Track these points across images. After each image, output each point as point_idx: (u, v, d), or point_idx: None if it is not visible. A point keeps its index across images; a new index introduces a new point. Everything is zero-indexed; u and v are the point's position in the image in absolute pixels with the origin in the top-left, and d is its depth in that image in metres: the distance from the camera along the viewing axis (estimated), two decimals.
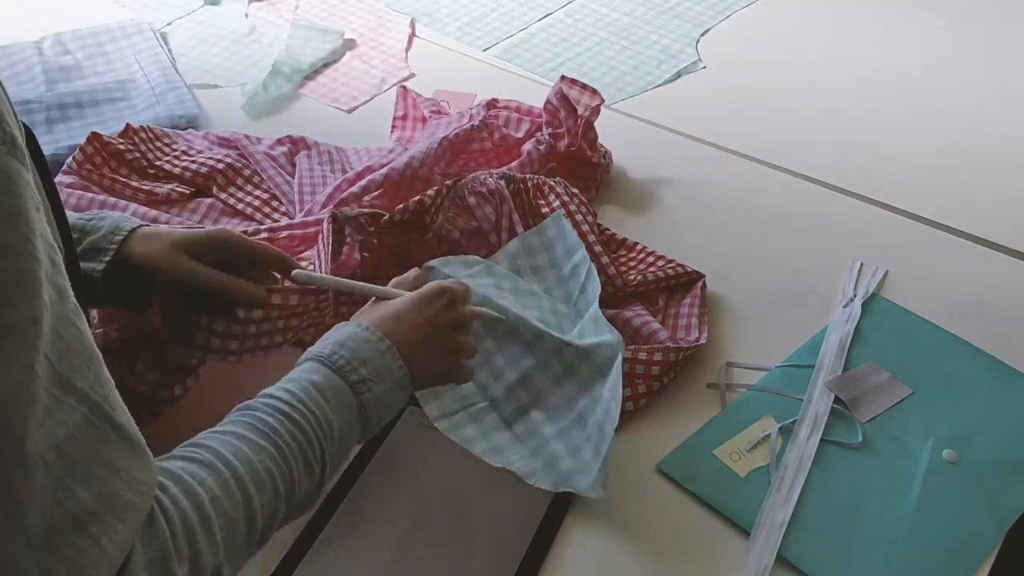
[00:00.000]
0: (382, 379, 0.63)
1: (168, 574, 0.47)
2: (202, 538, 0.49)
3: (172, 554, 0.47)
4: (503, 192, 0.92)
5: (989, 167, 1.10)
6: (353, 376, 0.62)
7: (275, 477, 0.55)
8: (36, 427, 0.40)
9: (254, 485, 0.53)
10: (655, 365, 0.81)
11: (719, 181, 1.08)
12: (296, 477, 0.56)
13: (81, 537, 0.42)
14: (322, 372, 0.61)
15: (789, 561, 0.70)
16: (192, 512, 0.49)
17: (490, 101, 1.10)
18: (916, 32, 1.35)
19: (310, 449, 0.58)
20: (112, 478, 0.44)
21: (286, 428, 0.57)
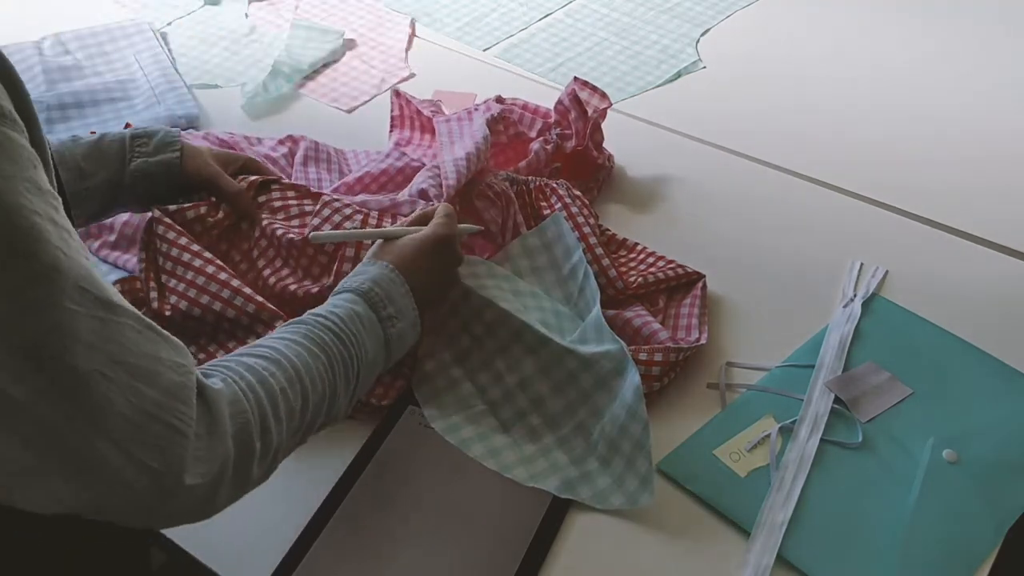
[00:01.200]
0: (403, 318, 0.73)
1: (249, 445, 0.56)
2: (272, 420, 0.58)
3: (252, 428, 0.56)
4: (509, 194, 0.93)
5: (989, 167, 1.10)
6: (383, 312, 0.72)
7: (324, 382, 0.64)
8: (86, 350, 0.47)
9: (310, 384, 0.63)
10: (655, 365, 0.81)
11: (719, 181, 1.08)
12: (338, 387, 0.66)
13: (158, 426, 0.50)
14: (361, 304, 0.71)
15: (789, 561, 0.70)
16: (266, 398, 0.59)
17: (497, 97, 1.10)
18: (916, 31, 1.34)
19: (351, 366, 0.67)
20: (165, 371, 0.51)
21: (335, 345, 0.66)
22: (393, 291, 0.73)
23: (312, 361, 0.64)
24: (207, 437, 0.53)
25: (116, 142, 0.84)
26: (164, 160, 0.85)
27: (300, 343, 0.64)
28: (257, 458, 0.57)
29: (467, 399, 0.81)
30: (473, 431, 0.79)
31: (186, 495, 0.52)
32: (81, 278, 0.47)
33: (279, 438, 0.59)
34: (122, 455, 0.48)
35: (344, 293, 0.72)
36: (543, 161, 1.01)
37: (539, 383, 0.80)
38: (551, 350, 0.80)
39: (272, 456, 0.59)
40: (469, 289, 0.83)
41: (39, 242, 0.45)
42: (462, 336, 0.83)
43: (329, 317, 0.68)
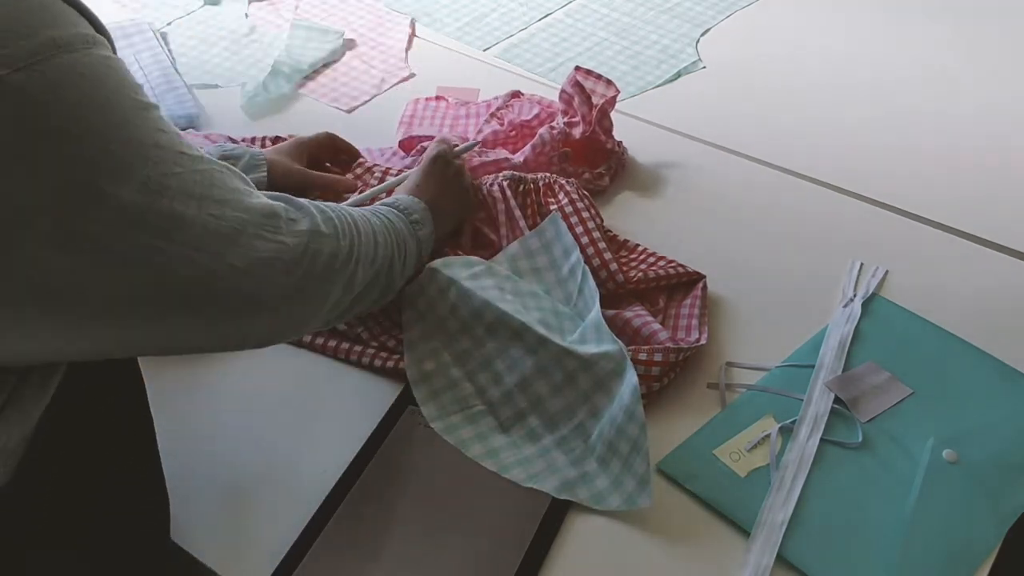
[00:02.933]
0: (424, 224, 0.84)
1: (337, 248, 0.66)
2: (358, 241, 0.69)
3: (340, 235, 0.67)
4: (495, 194, 0.94)
5: (989, 167, 1.10)
6: (411, 217, 0.82)
7: (387, 241, 0.75)
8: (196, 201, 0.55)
9: (381, 240, 0.74)
10: (655, 365, 0.81)
11: (719, 181, 1.08)
12: (393, 253, 0.76)
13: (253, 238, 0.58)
14: (400, 216, 0.81)
15: (789, 561, 0.70)
16: (350, 223, 0.70)
17: (515, 92, 1.15)
18: (917, 32, 1.34)
19: (398, 243, 0.78)
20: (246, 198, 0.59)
21: (383, 223, 0.77)
22: (413, 204, 0.84)
23: (375, 221, 0.75)
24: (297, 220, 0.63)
25: None
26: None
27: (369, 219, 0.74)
28: (342, 256, 0.66)
29: (466, 399, 0.81)
30: (472, 431, 0.79)
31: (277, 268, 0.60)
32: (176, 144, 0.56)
33: (357, 254, 0.69)
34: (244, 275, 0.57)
35: (387, 208, 0.82)
36: (548, 144, 1.02)
37: (538, 384, 0.80)
38: (550, 351, 0.80)
39: (352, 266, 0.68)
40: (469, 290, 0.83)
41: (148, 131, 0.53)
42: (462, 337, 0.83)
43: (377, 209, 0.80)
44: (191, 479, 0.76)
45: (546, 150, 1.02)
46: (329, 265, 0.65)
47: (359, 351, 0.86)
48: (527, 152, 1.01)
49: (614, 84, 1.05)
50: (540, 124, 1.08)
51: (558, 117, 1.05)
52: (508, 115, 1.11)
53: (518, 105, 1.12)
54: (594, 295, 0.84)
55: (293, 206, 0.65)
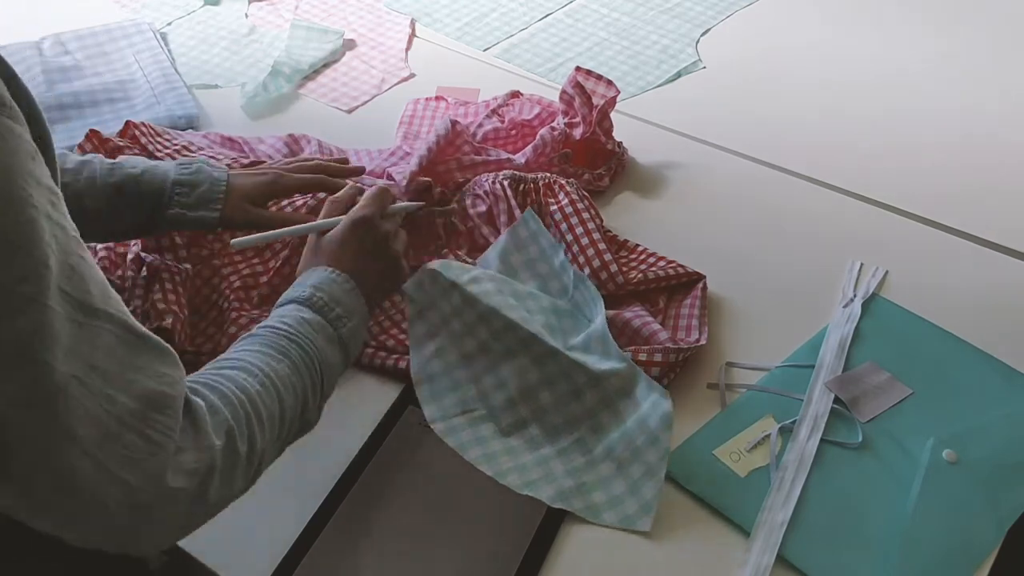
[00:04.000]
0: (352, 315, 0.72)
1: (235, 452, 0.56)
2: (255, 424, 0.58)
3: (235, 435, 0.56)
4: (498, 192, 0.93)
5: (989, 167, 1.10)
6: (331, 315, 0.70)
7: (294, 386, 0.64)
8: (64, 354, 0.45)
9: (283, 388, 0.62)
10: (655, 366, 0.81)
11: (719, 181, 1.08)
12: (307, 391, 0.65)
13: (131, 435, 0.48)
14: (307, 311, 0.69)
15: (789, 561, 0.70)
16: (247, 403, 0.58)
17: (514, 92, 1.15)
18: (916, 31, 1.34)
19: (314, 369, 0.66)
20: (146, 379, 0.50)
21: (295, 350, 0.66)
22: (336, 291, 0.71)
23: (278, 366, 0.63)
24: (192, 450, 0.52)
25: (157, 182, 0.82)
26: (200, 217, 0.82)
27: (263, 351, 0.64)
28: (242, 465, 0.57)
29: (468, 402, 0.81)
30: (472, 435, 0.79)
31: (164, 508, 0.51)
32: (65, 278, 0.46)
33: (262, 443, 0.59)
34: (95, 466, 0.47)
35: (287, 304, 0.71)
36: (549, 144, 1.02)
37: (543, 394, 0.80)
38: (560, 363, 0.79)
39: (257, 463, 0.59)
40: (474, 296, 0.82)
41: (32, 237, 0.44)
42: (467, 339, 0.83)
43: (279, 326, 0.67)
44: None
45: (547, 151, 1.02)
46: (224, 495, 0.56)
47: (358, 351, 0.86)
48: (528, 153, 1.01)
49: (614, 84, 1.05)
50: (540, 124, 1.08)
51: (558, 118, 1.05)
52: (509, 113, 1.11)
53: (518, 105, 1.12)
54: (596, 300, 0.84)
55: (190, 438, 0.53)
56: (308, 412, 0.66)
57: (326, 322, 0.69)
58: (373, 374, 0.85)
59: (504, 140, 1.08)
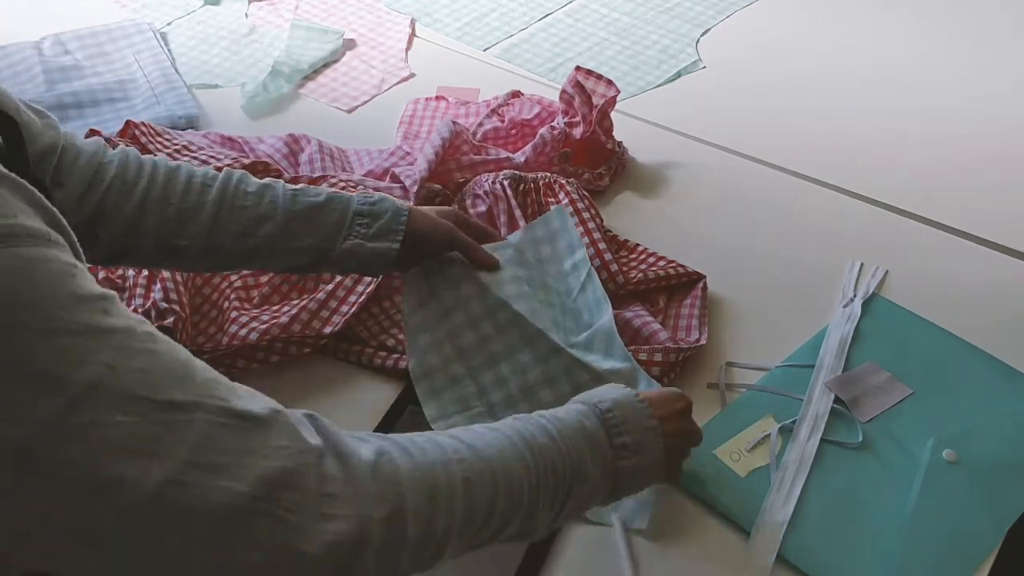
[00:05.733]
0: (641, 452, 0.62)
1: (402, 534, 0.49)
2: (443, 511, 0.51)
3: (406, 515, 0.49)
4: (498, 192, 0.94)
5: (990, 167, 1.10)
6: (618, 440, 0.61)
7: (524, 493, 0.55)
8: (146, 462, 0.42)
9: (506, 484, 0.54)
10: (655, 365, 0.81)
11: (719, 181, 1.08)
12: (540, 504, 0.57)
13: (260, 519, 0.45)
14: (593, 422, 0.61)
15: (789, 561, 0.70)
16: (444, 484, 0.51)
17: (514, 92, 1.15)
18: (916, 31, 1.34)
19: (562, 484, 0.58)
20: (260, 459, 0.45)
21: (550, 452, 0.57)
22: (634, 419, 0.62)
23: (516, 462, 0.55)
24: (342, 519, 0.47)
25: (338, 211, 0.76)
26: (380, 249, 0.76)
27: (510, 437, 0.57)
28: (410, 547, 0.50)
29: (468, 399, 0.80)
30: None
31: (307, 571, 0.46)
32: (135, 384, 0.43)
33: (446, 533, 0.51)
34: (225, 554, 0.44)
35: (579, 404, 0.63)
36: (549, 144, 1.02)
37: (543, 392, 0.79)
38: (562, 360, 0.79)
39: (432, 551, 0.51)
40: (487, 286, 0.81)
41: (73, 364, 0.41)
42: (466, 332, 0.82)
43: (551, 420, 0.60)
44: None
45: (547, 150, 1.02)
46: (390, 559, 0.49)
47: (359, 351, 0.86)
48: (528, 152, 1.01)
49: (614, 84, 1.05)
50: (540, 124, 1.08)
51: (558, 117, 1.05)
52: (509, 113, 1.11)
53: (518, 104, 1.12)
54: (603, 302, 0.83)
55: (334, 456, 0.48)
56: (534, 524, 0.58)
57: (609, 445, 0.61)
58: (373, 374, 0.85)
59: (504, 140, 1.08)
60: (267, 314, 0.87)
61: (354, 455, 0.49)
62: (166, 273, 0.85)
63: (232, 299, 0.89)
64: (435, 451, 0.52)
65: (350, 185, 0.95)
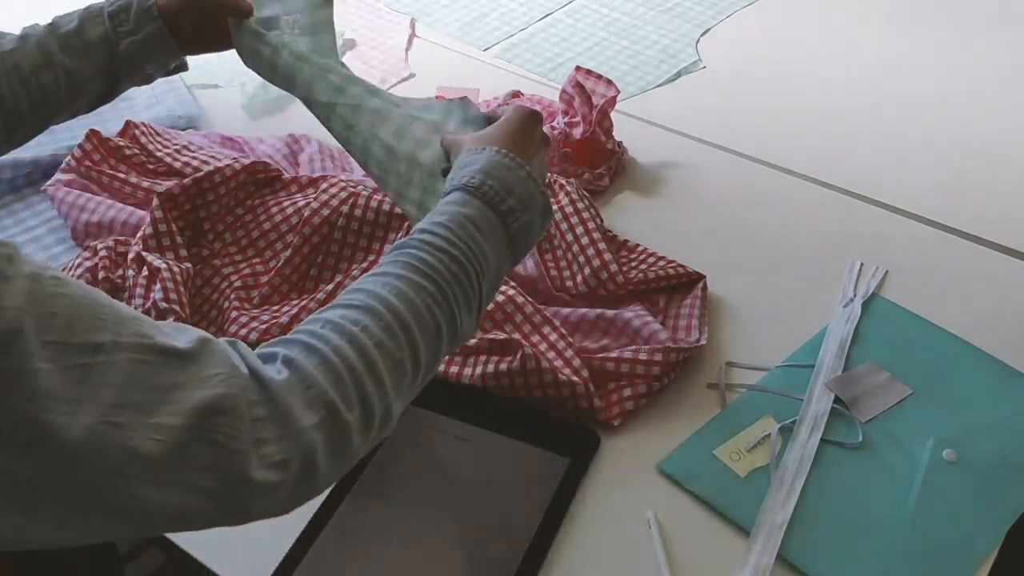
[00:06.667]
0: (525, 206, 0.62)
1: (339, 424, 0.50)
2: (369, 383, 0.51)
3: (338, 406, 0.50)
4: None
5: (990, 167, 1.10)
6: (503, 207, 0.61)
7: (436, 315, 0.56)
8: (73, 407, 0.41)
9: (417, 325, 0.54)
10: (655, 365, 0.81)
11: (719, 181, 1.08)
12: (457, 313, 0.57)
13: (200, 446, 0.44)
14: (473, 204, 0.60)
15: (789, 561, 0.70)
16: (357, 360, 0.51)
17: (514, 92, 1.15)
18: (916, 32, 1.34)
19: (468, 284, 0.58)
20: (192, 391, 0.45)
21: (445, 265, 0.57)
22: (509, 179, 0.62)
23: (416, 295, 0.55)
24: (277, 440, 0.47)
25: (97, 25, 0.82)
26: (150, 33, 0.82)
27: (400, 276, 0.56)
28: (356, 431, 0.51)
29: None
30: None
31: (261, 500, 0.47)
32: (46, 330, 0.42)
33: (383, 400, 0.52)
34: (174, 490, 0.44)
35: (452, 193, 0.62)
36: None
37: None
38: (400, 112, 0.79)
39: (380, 419, 0.53)
40: None
41: None
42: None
43: (434, 232, 0.58)
44: None
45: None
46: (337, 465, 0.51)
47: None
48: None
49: (614, 84, 1.05)
50: None
51: (558, 117, 1.05)
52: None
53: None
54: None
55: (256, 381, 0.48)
56: (460, 331, 0.59)
57: (496, 216, 0.60)
58: None
59: None
60: (267, 314, 0.87)
61: (270, 378, 0.49)
62: (166, 273, 0.85)
63: (232, 299, 0.89)
64: (336, 334, 0.52)
65: (350, 185, 0.95)
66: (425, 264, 0.57)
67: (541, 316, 0.86)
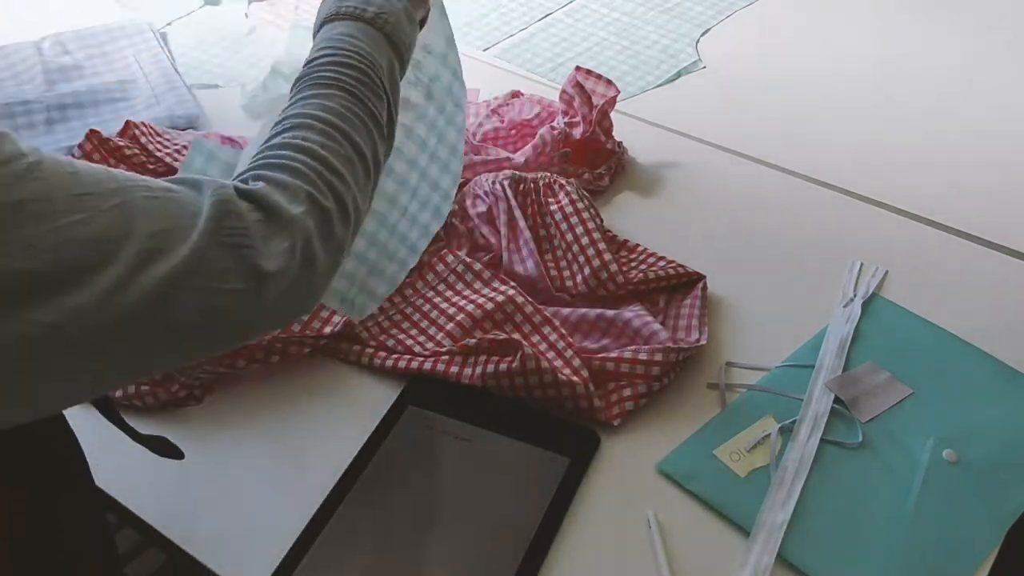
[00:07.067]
0: (390, 10, 0.69)
1: (323, 209, 0.57)
2: (331, 175, 0.59)
3: (316, 195, 0.57)
4: (498, 192, 0.94)
5: (990, 167, 1.10)
6: (368, 14, 0.68)
7: (358, 112, 0.63)
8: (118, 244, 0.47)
9: (346, 124, 0.62)
10: (655, 365, 0.81)
11: (719, 181, 1.08)
12: (373, 107, 0.65)
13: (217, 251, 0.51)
14: (342, 23, 0.68)
15: (789, 561, 0.70)
16: (312, 161, 0.58)
17: (514, 92, 1.15)
18: (916, 32, 1.35)
19: (370, 81, 0.65)
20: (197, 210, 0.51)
21: (344, 73, 0.64)
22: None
23: (333, 102, 0.62)
24: (276, 234, 0.54)
25: None
26: None
27: (313, 95, 0.63)
28: (336, 216, 0.58)
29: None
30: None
31: (280, 287, 0.53)
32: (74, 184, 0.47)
33: (348, 190, 0.59)
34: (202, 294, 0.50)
35: (320, 27, 0.69)
36: (549, 144, 1.02)
37: None
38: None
39: (351, 208, 0.60)
40: None
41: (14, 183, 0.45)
42: None
43: (323, 54, 0.66)
44: (191, 479, 0.76)
45: (547, 150, 1.02)
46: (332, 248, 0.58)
47: (359, 351, 0.86)
48: (528, 152, 1.01)
49: (614, 84, 1.05)
50: (540, 124, 1.08)
51: (558, 117, 1.05)
52: (508, 113, 1.11)
53: (518, 104, 1.12)
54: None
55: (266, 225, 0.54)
56: (383, 124, 0.66)
57: (366, 23, 0.67)
58: (373, 374, 0.85)
59: (504, 140, 1.08)
60: None
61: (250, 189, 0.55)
62: None
63: None
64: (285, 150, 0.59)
65: None
66: (327, 79, 0.64)
67: (541, 316, 0.86)
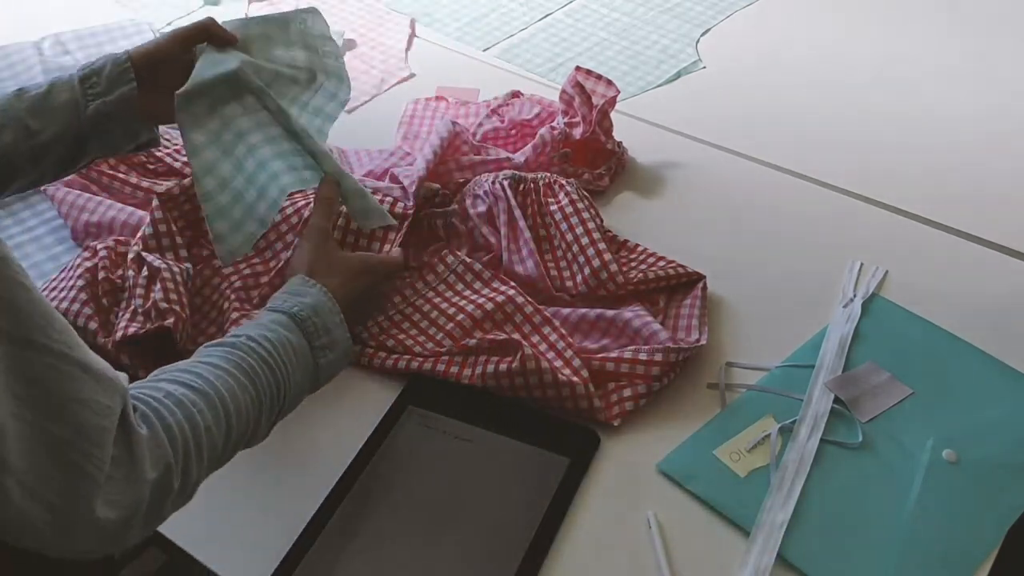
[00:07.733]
0: (335, 348, 0.74)
1: (167, 487, 0.57)
2: (194, 459, 0.59)
3: (173, 471, 0.57)
4: (498, 192, 0.94)
5: (990, 167, 1.10)
6: (317, 343, 0.72)
7: (250, 414, 0.65)
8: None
9: (236, 418, 0.63)
10: (655, 365, 0.81)
11: (719, 181, 1.08)
12: (262, 417, 0.67)
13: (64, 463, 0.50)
14: (296, 333, 0.71)
15: (789, 561, 0.70)
16: (191, 438, 0.59)
17: (514, 92, 1.15)
18: (917, 32, 1.34)
19: (277, 396, 0.68)
20: (85, 412, 0.51)
21: (266, 376, 0.67)
22: (329, 321, 0.74)
23: (241, 394, 0.64)
24: (123, 481, 0.53)
25: (66, 90, 0.79)
26: (124, 94, 0.80)
27: (231, 373, 0.65)
28: (173, 497, 0.58)
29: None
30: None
31: (90, 531, 0.52)
32: None
33: (198, 475, 0.60)
34: (22, 490, 0.49)
35: (280, 315, 0.72)
36: (549, 144, 1.02)
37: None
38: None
39: (189, 492, 0.60)
40: None
41: None
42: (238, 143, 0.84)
43: (262, 343, 0.68)
44: None
45: (547, 150, 1.02)
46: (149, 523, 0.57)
47: (358, 351, 0.86)
48: (528, 152, 1.01)
49: (614, 84, 1.05)
50: (540, 124, 1.08)
51: (558, 117, 1.05)
52: (508, 113, 1.11)
53: (518, 104, 1.12)
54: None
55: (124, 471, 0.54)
56: (257, 435, 0.68)
57: (310, 350, 0.72)
58: (373, 374, 0.86)
59: (504, 140, 1.08)
60: None
61: (135, 428, 0.55)
62: (166, 273, 0.85)
63: (232, 299, 0.89)
64: (179, 409, 0.59)
65: None
66: (252, 370, 0.66)
67: (541, 316, 0.86)
